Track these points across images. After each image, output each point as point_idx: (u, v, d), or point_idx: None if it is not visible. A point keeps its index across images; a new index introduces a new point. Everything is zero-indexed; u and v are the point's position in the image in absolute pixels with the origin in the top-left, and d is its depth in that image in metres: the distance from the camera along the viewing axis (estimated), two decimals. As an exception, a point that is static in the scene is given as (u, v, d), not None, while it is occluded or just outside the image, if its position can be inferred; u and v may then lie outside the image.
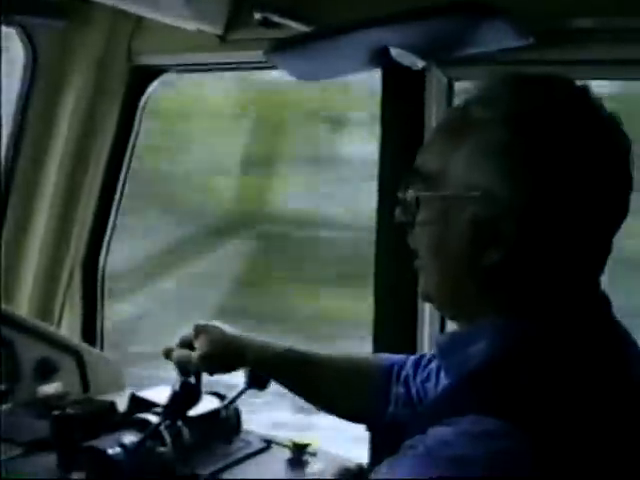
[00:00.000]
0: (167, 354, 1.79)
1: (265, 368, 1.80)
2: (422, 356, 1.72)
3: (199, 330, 1.75)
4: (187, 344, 1.77)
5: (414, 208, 1.18)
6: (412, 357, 1.74)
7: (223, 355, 1.74)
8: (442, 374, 1.51)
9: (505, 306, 1.12)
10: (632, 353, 1.17)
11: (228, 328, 1.78)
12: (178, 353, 1.77)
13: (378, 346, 2.21)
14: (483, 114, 1.11)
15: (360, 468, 2.13)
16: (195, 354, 1.73)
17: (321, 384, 1.77)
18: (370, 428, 1.85)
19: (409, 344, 2.17)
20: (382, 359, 1.78)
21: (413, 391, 1.68)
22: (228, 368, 1.78)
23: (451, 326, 1.28)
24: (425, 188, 1.16)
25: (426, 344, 2.16)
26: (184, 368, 1.80)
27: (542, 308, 1.11)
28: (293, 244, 4.15)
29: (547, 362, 1.06)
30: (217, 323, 1.79)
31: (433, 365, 1.64)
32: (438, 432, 1.00)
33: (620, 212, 1.14)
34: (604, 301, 1.18)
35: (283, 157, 4.31)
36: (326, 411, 1.80)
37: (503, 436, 0.96)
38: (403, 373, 1.70)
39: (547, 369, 1.05)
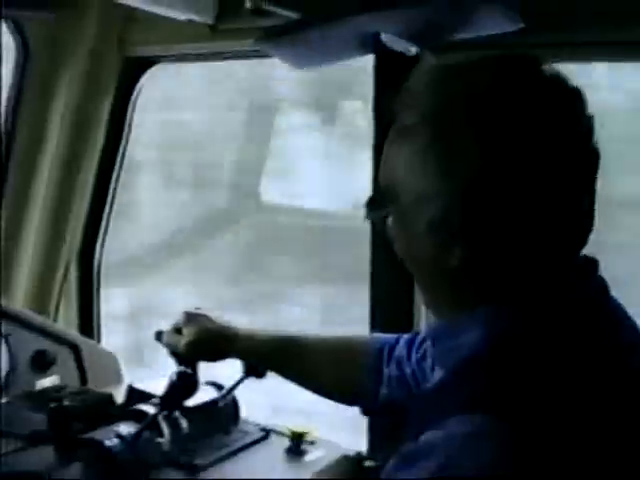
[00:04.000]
0: (158, 336, 1.84)
1: (254, 356, 1.83)
2: (416, 334, 1.70)
3: (188, 317, 1.80)
4: (178, 330, 1.81)
5: (388, 223, 1.19)
6: (405, 336, 1.72)
7: (209, 343, 1.79)
8: None
9: (487, 297, 1.10)
10: (630, 339, 1.13)
11: (218, 316, 1.81)
12: (168, 337, 1.82)
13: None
14: (408, 119, 1.09)
15: (359, 456, 2.13)
16: (183, 340, 1.78)
17: (311, 368, 1.78)
18: (364, 411, 1.85)
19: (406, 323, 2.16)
20: (372, 340, 1.78)
21: (408, 372, 1.66)
22: (214, 356, 1.83)
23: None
24: (384, 202, 1.16)
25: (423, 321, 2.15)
26: (174, 352, 1.83)
27: (527, 294, 1.08)
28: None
29: (538, 353, 1.04)
30: (207, 311, 1.82)
31: (429, 343, 1.62)
32: (428, 437, 0.99)
33: (585, 182, 1.09)
34: (601, 285, 1.15)
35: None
36: (319, 394, 1.81)
37: (490, 434, 0.95)
38: (395, 354, 1.70)
39: (538, 360, 1.03)
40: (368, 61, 2.03)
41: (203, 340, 1.79)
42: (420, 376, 1.64)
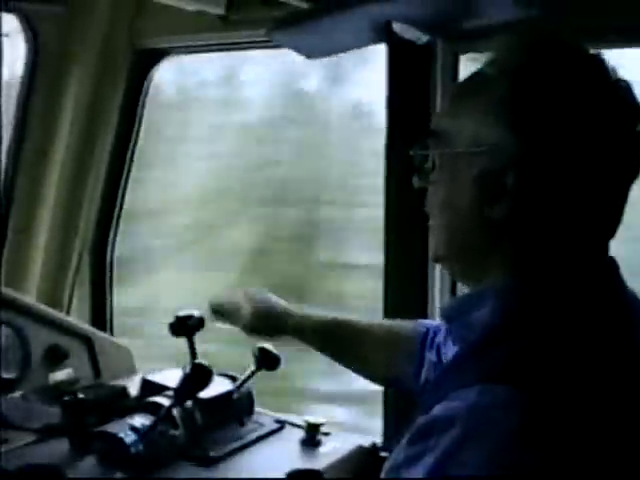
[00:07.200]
0: (213, 310, 1.97)
1: (306, 336, 1.88)
2: None
3: (249, 294, 1.92)
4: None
5: (428, 168, 1.21)
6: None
7: (268, 319, 1.89)
8: None
9: (510, 266, 1.12)
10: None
11: (275, 297, 1.91)
12: (228, 306, 1.94)
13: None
14: (489, 72, 1.14)
15: (374, 446, 2.13)
16: (243, 313, 1.89)
17: (360, 351, 1.85)
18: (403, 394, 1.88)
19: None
20: (419, 324, 1.81)
21: (444, 358, 1.67)
22: (271, 332, 1.92)
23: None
24: (438, 147, 1.19)
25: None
26: (219, 313, 1.95)
27: (547, 270, 1.10)
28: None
29: (550, 326, 1.05)
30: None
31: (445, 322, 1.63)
32: (443, 410, 0.99)
33: (628, 172, 1.13)
34: (612, 265, 1.17)
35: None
36: (362, 375, 1.87)
37: (510, 405, 0.95)
38: (436, 340, 1.71)
39: (550, 334, 1.04)
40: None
41: (262, 315, 1.88)
42: None
